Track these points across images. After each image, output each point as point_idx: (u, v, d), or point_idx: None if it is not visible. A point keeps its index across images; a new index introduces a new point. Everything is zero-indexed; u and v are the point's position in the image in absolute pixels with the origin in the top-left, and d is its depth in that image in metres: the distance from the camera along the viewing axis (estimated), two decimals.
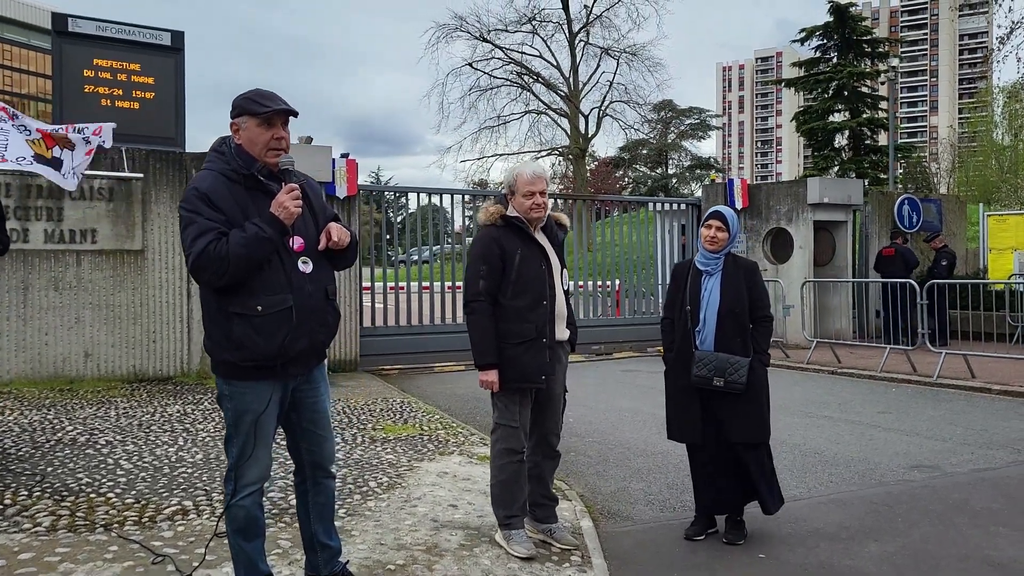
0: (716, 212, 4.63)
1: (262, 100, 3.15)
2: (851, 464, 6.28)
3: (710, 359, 4.46)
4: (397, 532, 4.39)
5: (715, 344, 4.51)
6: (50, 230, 9.25)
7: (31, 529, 4.27)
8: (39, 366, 9.16)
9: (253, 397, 3.15)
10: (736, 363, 4.43)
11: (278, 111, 3.14)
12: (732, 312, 4.51)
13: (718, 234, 4.57)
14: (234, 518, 3.23)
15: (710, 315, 4.54)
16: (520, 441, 4.23)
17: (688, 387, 4.54)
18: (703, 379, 4.46)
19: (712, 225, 4.60)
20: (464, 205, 13.41)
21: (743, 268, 4.65)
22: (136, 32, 10.29)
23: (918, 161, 51.25)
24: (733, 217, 4.65)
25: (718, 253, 4.60)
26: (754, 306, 4.59)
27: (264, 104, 3.14)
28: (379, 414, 7.74)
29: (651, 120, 48.01)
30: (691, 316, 4.59)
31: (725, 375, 4.42)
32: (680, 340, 4.63)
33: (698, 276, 4.63)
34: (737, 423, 4.47)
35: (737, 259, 4.68)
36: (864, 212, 15.16)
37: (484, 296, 4.17)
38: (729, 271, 4.59)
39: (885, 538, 4.66)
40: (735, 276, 4.58)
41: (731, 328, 4.51)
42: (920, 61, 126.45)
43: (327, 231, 3.25)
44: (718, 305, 4.53)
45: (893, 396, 9.50)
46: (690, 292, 4.62)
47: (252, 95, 3.17)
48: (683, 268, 4.77)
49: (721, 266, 4.60)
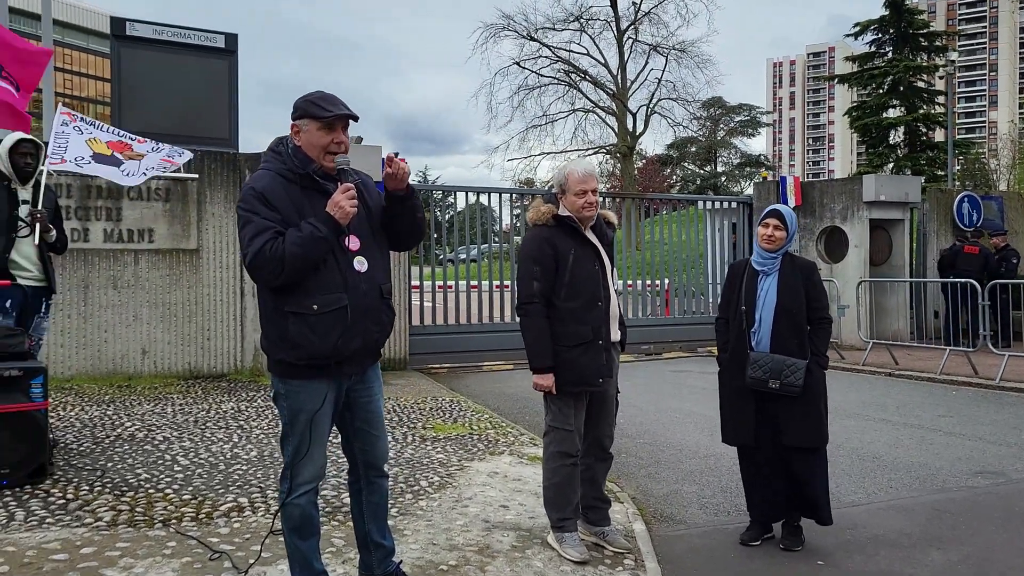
0: (774, 210, 4.54)
1: (325, 104, 3.15)
2: (911, 469, 6.12)
3: (765, 360, 4.38)
4: (449, 532, 4.39)
5: (771, 345, 4.42)
6: (109, 230, 9.46)
7: (92, 524, 4.36)
8: (99, 363, 9.38)
9: (308, 396, 3.16)
10: (793, 365, 4.33)
11: (340, 116, 3.15)
12: (788, 313, 4.42)
13: (776, 233, 4.48)
14: (289, 516, 3.25)
15: (766, 315, 4.45)
16: (574, 444, 4.20)
17: (743, 388, 4.45)
18: (758, 381, 4.37)
19: (770, 224, 4.51)
20: (511, 204, 13.40)
21: (800, 268, 4.55)
22: (191, 35, 10.48)
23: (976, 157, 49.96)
24: (791, 216, 4.56)
25: (775, 252, 4.50)
26: (812, 307, 4.48)
27: (327, 108, 3.14)
28: (428, 413, 7.76)
29: (700, 117, 47.53)
30: (746, 316, 4.50)
31: (781, 377, 4.33)
32: (735, 340, 4.55)
33: (754, 276, 4.54)
34: (793, 427, 4.38)
35: (795, 259, 4.59)
36: (922, 210, 14.79)
37: (538, 298, 4.13)
38: (786, 271, 4.49)
39: (948, 546, 4.52)
40: (792, 276, 4.48)
41: (787, 329, 4.42)
42: (979, 55, 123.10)
43: (388, 158, 3.24)
44: (774, 305, 4.44)
45: (954, 399, 9.24)
46: (745, 292, 4.53)
47: (315, 98, 3.17)
48: (739, 267, 4.69)
49: (778, 266, 4.50)
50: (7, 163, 5.72)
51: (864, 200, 13.59)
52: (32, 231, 5.69)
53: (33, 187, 5.87)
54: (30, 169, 5.79)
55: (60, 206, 6.33)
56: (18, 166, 5.73)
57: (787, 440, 4.39)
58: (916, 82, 31.61)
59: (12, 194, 5.72)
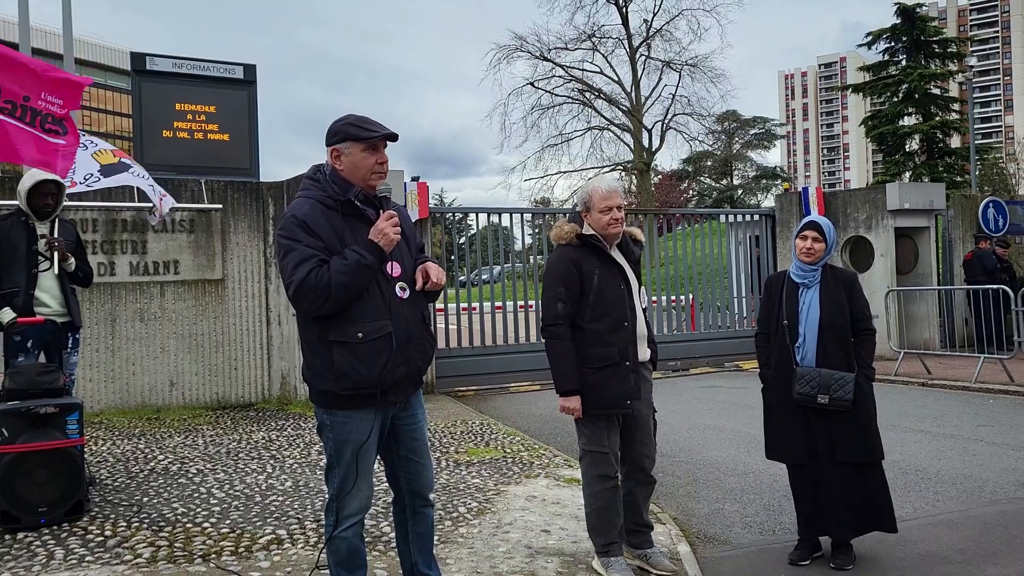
0: (812, 222, 4.47)
1: (366, 125, 3.14)
2: (957, 481, 5.98)
3: (813, 376, 4.29)
4: (492, 560, 4.31)
5: (816, 359, 4.34)
6: (135, 263, 9.50)
7: (132, 560, 4.32)
8: (127, 396, 9.39)
9: (354, 426, 3.12)
10: (841, 379, 4.25)
11: (383, 136, 3.14)
12: (834, 326, 4.34)
13: (815, 245, 4.40)
14: (336, 550, 3.20)
15: (810, 330, 4.37)
16: (612, 465, 4.11)
17: (791, 405, 4.36)
18: (806, 396, 4.29)
19: (808, 236, 4.43)
20: (527, 224, 13.34)
21: (842, 279, 4.48)
22: (210, 67, 10.56)
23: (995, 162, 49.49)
24: (830, 227, 4.48)
25: (815, 265, 4.43)
26: (856, 318, 4.40)
27: (369, 129, 3.13)
28: (460, 436, 7.70)
29: (715, 131, 47.47)
30: (789, 331, 4.42)
31: (830, 392, 4.24)
32: (778, 356, 4.46)
33: (795, 289, 4.46)
34: (846, 442, 4.29)
35: (835, 270, 4.51)
36: (946, 217, 14.63)
37: (563, 319, 4.06)
38: (828, 283, 4.42)
39: (1004, 561, 4.40)
40: (834, 288, 4.40)
41: (833, 342, 4.34)
42: (992, 60, 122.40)
43: (424, 270, 3.21)
44: (818, 319, 4.35)
45: (992, 408, 9.07)
46: (787, 306, 4.44)
47: (354, 120, 3.17)
48: (777, 281, 4.60)
49: (819, 278, 4.42)
50: (24, 203, 5.71)
51: (888, 209, 13.46)
52: (50, 259, 5.68)
53: (51, 223, 5.85)
54: (49, 209, 5.77)
55: (84, 240, 6.32)
56: (37, 206, 5.71)
57: (842, 456, 4.30)
58: (931, 89, 31.43)
59: (31, 230, 5.71)
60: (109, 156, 6.36)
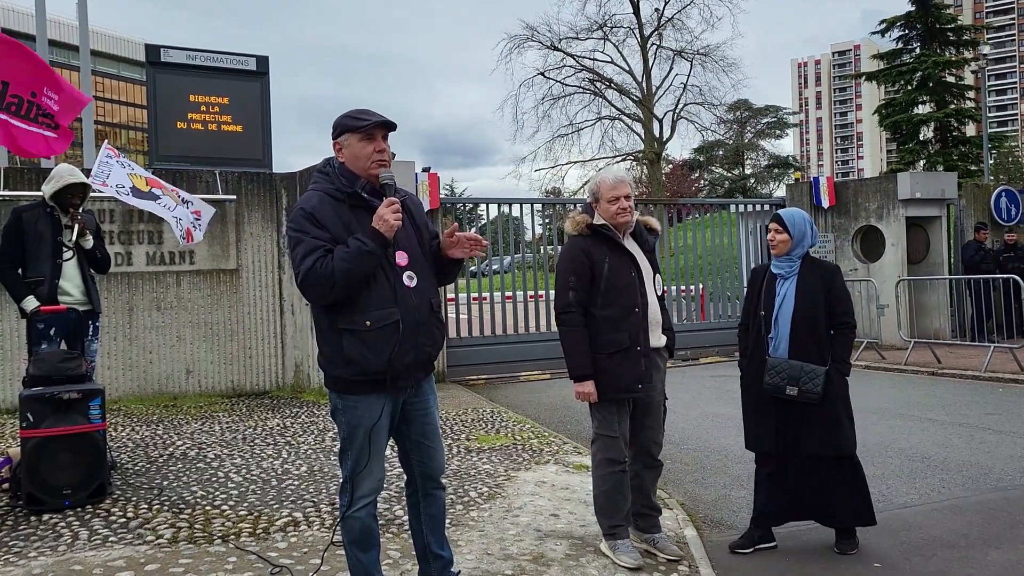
0: (775, 214, 4.50)
1: (361, 115, 3.27)
2: (963, 468, 6.05)
3: (783, 367, 4.31)
4: (502, 542, 4.42)
5: (789, 351, 4.35)
6: (151, 252, 9.64)
7: (154, 541, 4.45)
8: (144, 383, 9.54)
9: (365, 410, 3.22)
10: (811, 371, 4.26)
11: (378, 123, 3.24)
12: (807, 318, 4.34)
13: (777, 236, 4.43)
14: (349, 529, 3.30)
15: (783, 321, 4.39)
16: (621, 451, 4.21)
17: (763, 395, 4.39)
18: (775, 387, 4.32)
19: (771, 228, 4.47)
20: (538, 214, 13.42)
21: (821, 272, 4.44)
22: (223, 59, 10.66)
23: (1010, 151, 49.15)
24: (796, 218, 4.46)
25: (788, 256, 4.43)
26: (833, 312, 4.37)
27: (364, 119, 3.25)
28: (471, 424, 7.81)
29: (727, 121, 47.24)
30: (765, 322, 4.45)
31: (799, 384, 4.26)
32: (754, 346, 4.49)
33: (773, 280, 4.49)
34: (813, 434, 4.30)
35: (816, 262, 4.50)
36: (958, 206, 14.61)
37: (575, 307, 4.18)
38: (805, 275, 4.41)
39: (1006, 546, 4.47)
40: (812, 280, 4.39)
41: (806, 335, 4.34)
42: (1008, 47, 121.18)
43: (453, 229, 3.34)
44: (792, 310, 4.37)
45: (1000, 397, 9.11)
46: (764, 297, 4.47)
47: (351, 113, 3.30)
48: (759, 272, 4.63)
49: (796, 270, 4.43)
50: (50, 199, 5.84)
51: (899, 198, 13.45)
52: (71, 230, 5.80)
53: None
54: (76, 207, 5.91)
55: (103, 231, 6.44)
56: (64, 204, 5.85)
57: (808, 448, 4.32)
58: (945, 77, 31.22)
59: (56, 220, 5.86)
60: (142, 183, 6.48)
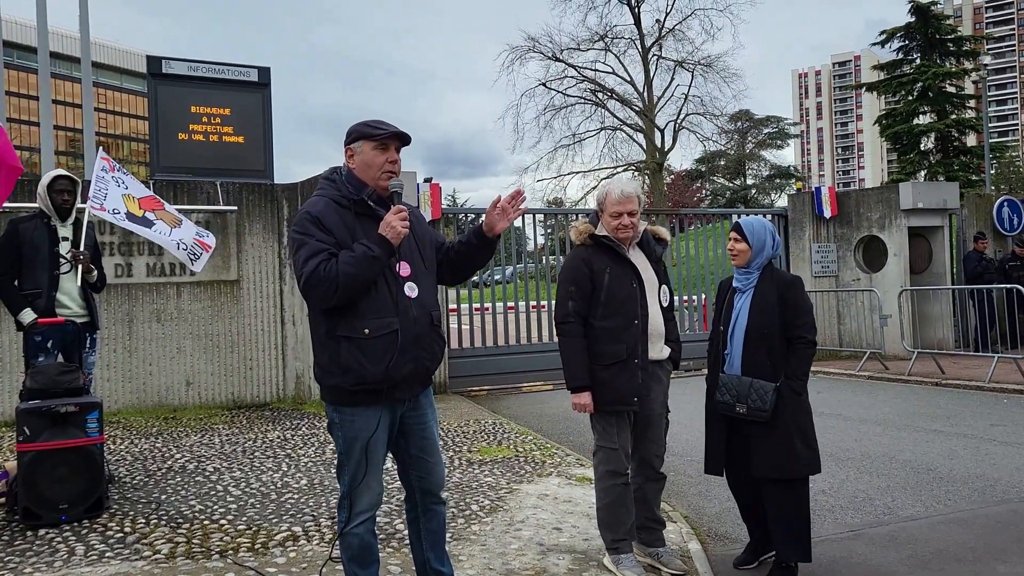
0: (735, 223, 4.29)
1: (378, 125, 3.26)
2: (968, 480, 5.99)
3: (733, 384, 4.12)
4: (504, 556, 4.37)
5: (742, 367, 4.13)
6: (152, 264, 9.61)
7: (151, 556, 4.40)
8: (144, 395, 9.50)
9: (363, 423, 3.18)
10: (759, 388, 4.02)
11: (393, 134, 3.24)
12: (760, 333, 4.09)
13: (736, 246, 4.22)
14: (348, 546, 3.26)
15: (737, 336, 4.17)
16: (621, 463, 4.16)
17: (716, 414, 4.26)
18: (726, 405, 4.14)
19: (730, 237, 4.27)
20: (539, 224, 13.39)
21: (778, 284, 4.16)
22: (225, 70, 10.67)
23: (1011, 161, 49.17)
24: (756, 227, 4.22)
25: (746, 268, 4.23)
26: (787, 326, 4.09)
27: (380, 128, 3.25)
28: (473, 436, 7.75)
29: (728, 131, 47.27)
30: (723, 337, 4.28)
31: (748, 401, 4.04)
32: (712, 363, 4.34)
33: (733, 294, 4.32)
34: (759, 456, 4.07)
35: (776, 273, 4.23)
36: (961, 216, 14.57)
37: (574, 317, 4.14)
38: (763, 288, 4.16)
39: (1014, 559, 4.41)
40: (768, 293, 4.13)
41: (759, 350, 4.09)
42: (1008, 57, 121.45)
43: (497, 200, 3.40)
44: (745, 325, 4.15)
45: (1005, 408, 9.05)
46: (724, 311, 4.30)
47: (368, 121, 3.29)
48: (725, 285, 4.42)
49: (754, 282, 4.19)
50: (47, 201, 5.84)
51: (902, 208, 13.42)
52: (74, 270, 5.80)
53: (73, 224, 5.98)
54: (68, 206, 5.91)
55: (101, 243, 6.41)
56: (56, 203, 5.85)
57: (754, 470, 4.10)
58: (946, 87, 31.23)
59: (53, 231, 5.85)
60: (135, 206, 6.40)
